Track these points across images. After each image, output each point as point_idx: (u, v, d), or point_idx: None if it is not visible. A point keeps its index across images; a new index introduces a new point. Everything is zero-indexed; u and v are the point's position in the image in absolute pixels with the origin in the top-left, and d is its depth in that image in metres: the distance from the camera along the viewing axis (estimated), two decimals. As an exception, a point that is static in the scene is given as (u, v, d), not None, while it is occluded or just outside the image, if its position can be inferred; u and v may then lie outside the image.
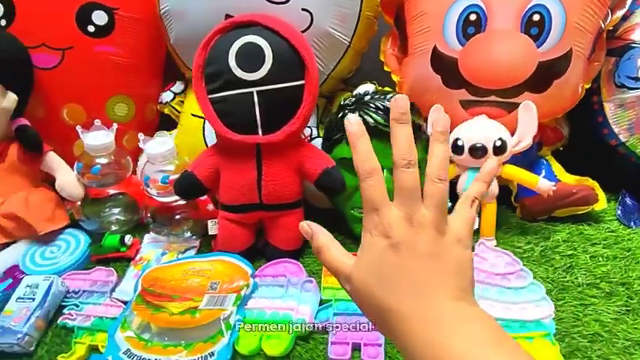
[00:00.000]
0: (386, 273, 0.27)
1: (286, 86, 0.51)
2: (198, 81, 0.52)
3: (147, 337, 0.48)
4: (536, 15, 0.54)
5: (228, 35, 0.51)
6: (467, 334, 0.25)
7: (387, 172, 0.57)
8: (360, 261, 0.29)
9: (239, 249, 0.59)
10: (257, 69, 0.50)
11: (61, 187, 0.62)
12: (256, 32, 0.50)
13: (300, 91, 0.52)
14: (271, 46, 0.50)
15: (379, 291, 0.27)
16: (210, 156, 0.56)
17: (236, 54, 0.50)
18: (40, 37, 0.63)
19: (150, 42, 0.71)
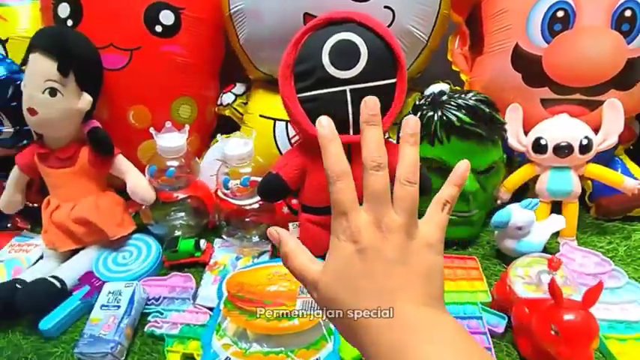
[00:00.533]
0: (353, 279, 0.26)
1: (379, 84, 0.50)
2: (287, 80, 0.51)
3: (244, 345, 0.47)
4: (627, 11, 0.53)
5: (321, 32, 0.50)
6: (434, 342, 0.24)
7: (471, 172, 0.58)
8: (327, 267, 0.28)
9: (322, 252, 0.57)
10: (351, 67, 0.49)
11: (133, 190, 0.60)
12: (351, 29, 0.49)
13: (391, 89, 0.51)
14: (366, 44, 0.49)
15: (346, 297, 0.26)
16: (296, 157, 0.54)
17: (330, 51, 0.49)
18: (108, 37, 0.62)
19: (211, 43, 0.70)
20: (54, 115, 0.55)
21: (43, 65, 0.54)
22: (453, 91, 0.60)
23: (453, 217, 0.58)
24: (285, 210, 0.62)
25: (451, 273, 0.56)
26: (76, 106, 0.56)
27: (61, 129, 0.58)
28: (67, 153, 0.59)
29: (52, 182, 0.60)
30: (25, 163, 0.60)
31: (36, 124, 0.56)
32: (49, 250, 0.61)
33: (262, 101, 0.68)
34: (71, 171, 0.59)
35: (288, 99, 0.51)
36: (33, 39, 0.55)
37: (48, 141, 0.59)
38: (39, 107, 0.55)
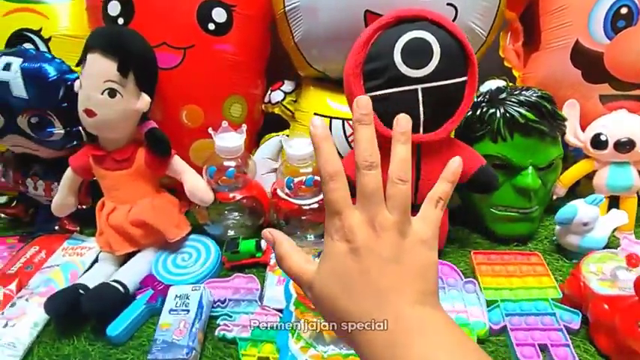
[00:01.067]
0: (347, 279, 0.27)
1: (451, 83, 0.49)
2: (356, 78, 0.50)
3: (322, 348, 0.46)
4: (694, 6, 0.53)
5: (393, 30, 0.49)
6: (429, 340, 0.25)
7: (533, 168, 0.57)
8: (322, 267, 0.28)
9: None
10: (424, 65, 0.48)
11: (191, 191, 0.59)
12: (423, 27, 0.48)
13: (462, 87, 0.50)
14: (439, 42, 0.48)
15: (341, 297, 0.27)
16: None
17: (402, 50, 0.48)
18: (160, 36, 0.61)
19: (260, 40, 0.69)
20: (113, 117, 0.54)
21: (103, 66, 0.53)
22: (512, 88, 0.59)
23: (514, 213, 0.60)
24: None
25: (516, 269, 0.56)
26: (135, 106, 0.55)
27: (119, 130, 0.57)
28: (124, 155, 0.58)
29: (108, 184, 0.59)
30: (79, 165, 0.59)
31: (93, 125, 0.55)
32: (105, 253, 0.60)
33: (315, 99, 0.67)
34: (127, 173, 0.58)
35: (353, 96, 0.50)
36: (91, 39, 0.54)
37: (104, 142, 0.58)
38: (98, 108, 0.53)
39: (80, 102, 0.54)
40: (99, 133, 0.57)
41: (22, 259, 0.60)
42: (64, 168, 0.65)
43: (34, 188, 0.66)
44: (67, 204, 0.62)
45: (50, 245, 0.63)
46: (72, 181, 0.61)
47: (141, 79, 0.55)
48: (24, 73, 0.57)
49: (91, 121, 0.54)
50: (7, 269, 0.58)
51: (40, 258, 0.61)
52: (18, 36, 0.67)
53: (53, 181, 0.66)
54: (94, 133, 0.58)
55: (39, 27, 0.68)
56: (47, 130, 0.60)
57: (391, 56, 0.49)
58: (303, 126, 0.67)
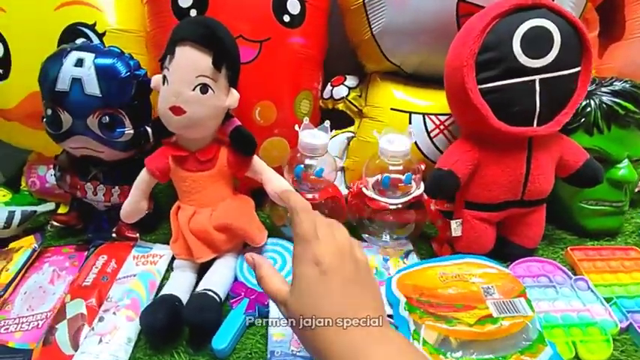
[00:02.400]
0: (314, 298, 0.31)
1: (567, 73, 0.48)
2: (469, 70, 0.48)
3: (452, 354, 0.44)
4: None
5: (511, 19, 0.47)
6: (389, 351, 0.29)
7: (629, 161, 0.56)
8: (294, 289, 0.32)
9: (486, 249, 0.55)
10: (544, 55, 0.46)
11: (274, 193, 0.55)
12: (542, 15, 0.46)
13: (575, 78, 0.49)
14: (560, 30, 0.46)
15: (308, 314, 0.31)
16: (468, 151, 0.52)
17: (522, 39, 0.46)
18: (236, 28, 0.56)
19: (325, 34, 0.66)
20: (203, 114, 0.50)
21: (195, 59, 0.48)
22: (600, 79, 0.58)
23: (606, 207, 0.58)
24: (433, 207, 0.59)
25: (619, 265, 0.55)
26: (225, 103, 0.51)
27: (206, 129, 0.52)
28: (208, 155, 0.54)
29: (188, 187, 0.55)
30: (157, 166, 0.54)
31: (180, 124, 0.50)
32: (181, 260, 0.56)
33: (388, 94, 0.65)
34: (210, 174, 0.54)
35: (469, 90, 0.48)
36: (181, 30, 0.49)
37: (185, 142, 0.54)
38: (187, 105, 0.49)
39: (164, 99, 0.50)
40: (184, 133, 0.53)
41: (94, 270, 0.55)
42: (126, 171, 0.61)
43: (94, 193, 0.61)
44: (139, 209, 0.57)
45: (118, 253, 0.58)
46: (147, 185, 0.56)
47: (232, 73, 0.51)
48: (98, 69, 0.52)
49: (177, 119, 0.50)
50: (82, 281, 0.53)
51: (112, 268, 0.56)
52: (71, 31, 0.62)
53: (114, 185, 0.61)
54: (178, 133, 0.53)
55: (93, 21, 0.63)
56: (118, 131, 0.55)
57: (509, 45, 0.46)
58: (378, 122, 0.64)
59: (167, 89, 0.49)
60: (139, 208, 0.57)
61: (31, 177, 0.72)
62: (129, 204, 0.57)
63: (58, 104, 0.54)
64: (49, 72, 0.54)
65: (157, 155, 0.55)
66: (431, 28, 0.57)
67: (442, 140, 0.61)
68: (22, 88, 0.64)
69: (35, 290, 0.54)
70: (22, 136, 0.68)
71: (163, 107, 0.50)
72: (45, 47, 0.61)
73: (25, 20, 0.62)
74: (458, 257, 0.55)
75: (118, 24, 0.64)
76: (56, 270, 0.57)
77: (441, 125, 0.61)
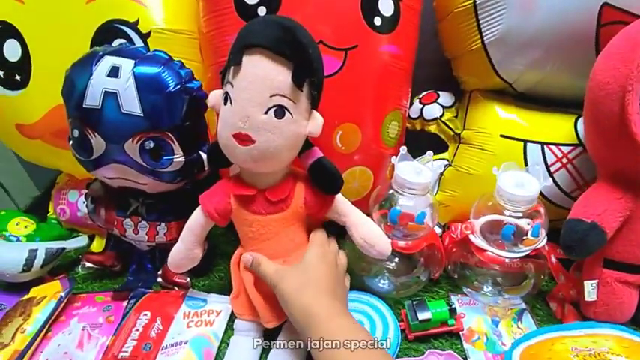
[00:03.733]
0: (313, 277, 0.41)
1: None
2: (633, 96, 0.36)
3: None
4: None
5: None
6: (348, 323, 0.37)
7: None
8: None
9: (627, 318, 0.44)
10: None
11: (367, 240, 0.44)
12: None
13: None
14: None
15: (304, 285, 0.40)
16: (619, 199, 0.40)
17: None
18: (316, 32, 0.44)
19: (416, 40, 0.54)
20: (277, 144, 0.38)
21: (270, 73, 0.36)
22: None
23: None
24: (553, 260, 0.48)
25: None
26: (305, 130, 0.40)
27: (281, 162, 0.41)
28: (281, 194, 0.42)
29: (255, 233, 0.44)
30: (216, 207, 0.43)
31: (247, 156, 0.38)
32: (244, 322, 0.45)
33: (495, 116, 0.53)
34: (282, 217, 0.43)
35: (631, 120, 0.37)
36: (250, 34, 0.37)
37: (251, 178, 0.43)
38: (258, 133, 0.37)
39: (227, 123, 0.38)
40: (251, 167, 0.41)
41: (133, 334, 0.44)
42: (174, 205, 0.51)
43: (135, 231, 0.50)
44: (191, 258, 0.46)
45: (163, 309, 0.48)
46: (202, 229, 0.45)
47: (315, 92, 0.39)
48: (138, 80, 0.41)
49: (244, 150, 0.38)
50: (119, 350, 0.42)
51: (157, 330, 0.45)
52: (108, 29, 0.51)
53: (160, 221, 0.50)
54: (243, 167, 0.42)
55: (135, 18, 0.51)
56: (165, 159, 0.44)
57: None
58: (483, 150, 0.52)
59: (231, 111, 0.38)
60: (191, 257, 0.46)
61: (60, 204, 0.61)
62: (179, 251, 0.46)
63: (87, 125, 0.43)
64: (75, 83, 0.42)
65: (216, 193, 0.44)
66: (561, 39, 0.46)
67: (565, 177, 0.49)
68: (45, 99, 0.53)
69: (59, 357, 0.43)
70: (49, 156, 0.58)
71: (225, 134, 0.38)
72: (73, 50, 0.49)
73: (48, 15, 0.52)
74: (590, 325, 0.44)
75: (166, 23, 0.52)
76: (87, 328, 0.47)
77: (563, 158, 0.49)
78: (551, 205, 0.50)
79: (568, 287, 0.48)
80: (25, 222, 0.60)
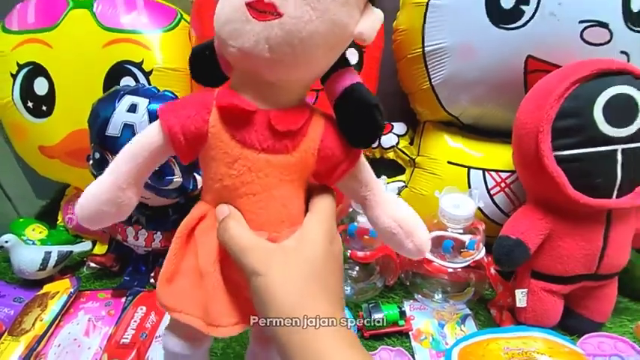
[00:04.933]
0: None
1: (651, 143, 0.44)
2: (545, 135, 0.45)
3: None
4: None
5: (593, 84, 0.44)
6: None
7: None
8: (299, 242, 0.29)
9: (553, 323, 0.51)
10: (628, 124, 0.43)
11: (405, 227, 0.32)
12: (627, 82, 0.43)
13: (657, 147, 0.45)
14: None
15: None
16: (540, 220, 0.48)
17: (604, 106, 0.43)
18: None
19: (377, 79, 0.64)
20: (314, 28, 0.25)
21: None
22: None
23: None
24: (493, 271, 0.55)
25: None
26: (355, 26, 0.26)
27: (307, 64, 0.26)
28: (293, 122, 0.28)
29: (236, 179, 0.29)
30: (184, 123, 0.28)
31: (261, 38, 0.25)
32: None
33: (444, 145, 0.62)
34: (284, 161, 0.28)
35: (545, 156, 0.45)
36: None
37: (252, 89, 0.28)
38: (289, 2, 0.24)
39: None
40: (261, 65, 0.26)
41: (132, 325, 0.52)
42: (168, 216, 0.59)
43: (135, 237, 0.59)
44: (118, 202, 0.29)
45: (156, 305, 0.55)
46: (150, 155, 0.29)
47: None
48: (151, 115, 0.50)
49: (259, 27, 0.24)
50: (121, 338, 0.50)
51: (151, 322, 0.53)
52: (118, 69, 0.61)
53: (156, 230, 0.59)
54: (244, 64, 0.27)
55: (140, 59, 0.62)
56: (167, 179, 0.53)
57: (591, 113, 0.43)
58: (433, 174, 0.61)
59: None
60: (118, 201, 0.29)
61: (68, 213, 0.70)
62: (103, 189, 0.29)
63: (107, 149, 0.52)
64: (100, 114, 0.52)
65: (188, 103, 0.29)
66: (496, 82, 0.55)
67: (503, 199, 0.58)
68: (65, 125, 0.63)
69: (70, 344, 0.52)
70: (62, 172, 0.67)
71: (235, 4, 0.25)
72: (91, 85, 0.61)
73: (71, 57, 0.62)
74: (522, 329, 0.51)
75: (165, 62, 0.62)
76: (92, 319, 0.55)
77: (502, 183, 0.57)
78: (492, 223, 0.58)
79: (506, 296, 0.55)
80: (39, 228, 0.69)
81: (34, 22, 0.63)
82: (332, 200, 0.31)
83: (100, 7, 0.62)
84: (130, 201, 0.30)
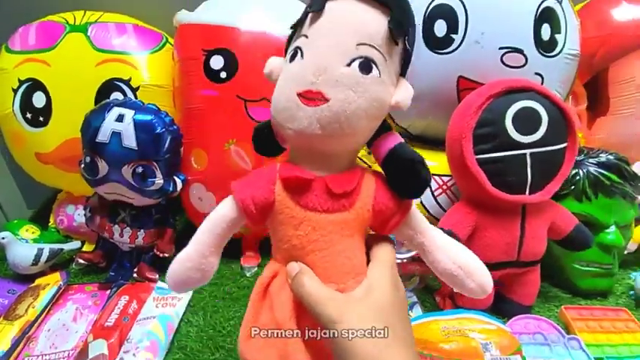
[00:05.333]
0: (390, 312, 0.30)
1: (555, 148, 0.53)
2: (467, 142, 0.53)
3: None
4: None
5: (504, 99, 0.53)
6: None
7: (616, 227, 0.61)
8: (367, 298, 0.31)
9: (485, 305, 0.59)
10: (533, 132, 0.52)
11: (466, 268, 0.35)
12: (531, 97, 0.53)
13: (562, 152, 0.54)
14: (546, 111, 0.52)
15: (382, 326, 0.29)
16: (468, 214, 0.56)
17: (513, 117, 0.52)
18: (260, 91, 0.64)
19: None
20: (357, 106, 0.29)
21: (361, 16, 0.30)
22: (587, 150, 0.64)
23: (597, 269, 0.63)
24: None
25: (610, 325, 0.58)
26: (392, 99, 0.31)
27: (355, 135, 0.31)
28: (348, 184, 0.32)
29: (303, 239, 0.32)
30: (255, 195, 0.32)
31: (314, 120, 0.29)
32: None
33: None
34: (343, 219, 0.32)
35: (467, 159, 0.53)
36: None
37: (308, 160, 0.32)
38: (334, 89, 0.29)
39: (293, 81, 0.30)
40: (315, 141, 0.31)
41: (116, 310, 0.58)
42: (151, 216, 0.66)
43: (120, 235, 0.66)
44: (202, 268, 0.33)
45: (138, 295, 0.62)
46: (227, 227, 0.33)
47: (408, 53, 0.32)
48: (136, 124, 0.59)
49: (310, 111, 0.29)
50: (105, 321, 0.56)
51: (133, 309, 0.59)
52: (109, 85, 0.70)
53: (140, 228, 0.66)
54: (300, 142, 0.32)
55: (128, 77, 0.70)
56: (149, 180, 0.61)
57: (503, 123, 0.52)
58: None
59: (301, 65, 0.30)
60: (202, 267, 0.33)
61: (59, 215, 0.76)
62: (188, 258, 0.33)
63: (97, 153, 0.60)
64: (91, 123, 0.60)
65: (255, 179, 0.33)
66: (435, 99, 0.64)
67: (445, 200, 0.66)
68: (59, 135, 0.70)
69: (59, 328, 0.58)
70: (56, 177, 0.74)
71: (287, 94, 0.30)
72: (84, 99, 0.69)
73: (68, 74, 0.70)
74: (460, 312, 0.58)
75: (151, 79, 0.71)
76: (79, 308, 0.61)
77: (444, 185, 0.66)
78: (437, 221, 0.66)
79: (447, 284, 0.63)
80: (32, 229, 0.75)
81: (34, 43, 0.71)
82: (391, 248, 0.34)
83: (94, 31, 0.71)
84: (211, 266, 0.34)
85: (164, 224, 0.68)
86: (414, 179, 0.32)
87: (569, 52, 0.62)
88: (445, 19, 0.61)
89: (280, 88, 0.32)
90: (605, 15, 0.69)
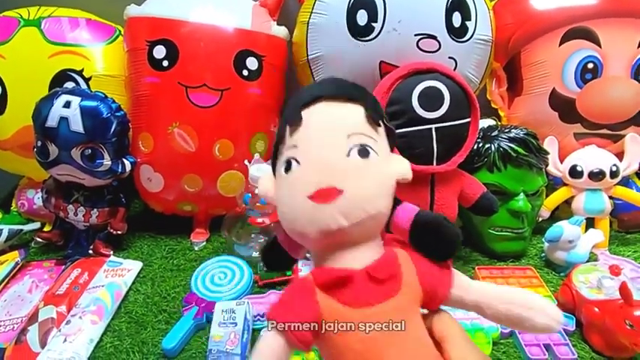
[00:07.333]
0: None
1: (458, 123, 0.60)
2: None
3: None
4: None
5: (411, 80, 0.59)
6: None
7: (524, 194, 0.68)
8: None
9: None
10: (437, 109, 0.58)
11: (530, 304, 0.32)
12: (435, 78, 0.59)
13: (467, 127, 0.61)
14: (448, 90, 0.59)
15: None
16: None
17: (419, 96, 0.58)
18: (202, 77, 0.69)
19: (282, 85, 0.79)
20: (369, 188, 0.30)
21: (341, 114, 0.32)
22: (501, 126, 0.70)
23: (509, 233, 0.70)
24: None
25: (516, 282, 0.65)
26: (394, 173, 0.32)
27: (377, 215, 0.31)
28: (388, 267, 0.31)
29: (367, 341, 0.28)
30: (302, 315, 0.29)
31: (336, 213, 0.29)
32: None
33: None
34: (397, 305, 0.30)
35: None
36: (303, 93, 0.33)
37: (339, 258, 0.31)
38: (345, 180, 0.29)
39: (296, 189, 0.30)
40: (339, 236, 0.30)
41: (67, 281, 0.64)
42: (103, 196, 0.72)
43: (75, 214, 0.71)
44: None
45: (90, 268, 0.67)
46: (279, 357, 0.29)
47: (391, 131, 0.35)
48: (82, 110, 0.63)
49: (329, 208, 0.29)
50: (56, 290, 0.62)
51: (84, 279, 0.65)
52: (62, 75, 0.74)
53: (93, 207, 0.71)
54: (325, 241, 0.30)
55: (81, 67, 0.75)
56: (97, 162, 0.66)
57: (409, 101, 0.58)
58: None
59: (300, 171, 0.31)
60: None
61: (20, 199, 0.81)
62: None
63: (47, 138, 0.65)
64: (41, 110, 0.65)
65: (289, 298, 0.31)
66: (362, 82, 0.66)
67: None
68: (16, 122, 0.74)
69: (14, 299, 0.63)
70: (15, 163, 0.79)
71: (296, 202, 0.30)
72: (38, 88, 0.74)
73: (22, 66, 0.74)
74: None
75: (104, 70, 0.76)
76: (35, 281, 0.66)
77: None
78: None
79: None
80: (-7, 213, 0.80)
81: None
82: (456, 321, 0.32)
83: (48, 25, 0.76)
84: None
85: (116, 204, 0.73)
86: (447, 237, 0.32)
87: (480, 37, 0.68)
88: (366, 9, 0.66)
89: (287, 199, 0.31)
90: (522, 4, 0.75)
